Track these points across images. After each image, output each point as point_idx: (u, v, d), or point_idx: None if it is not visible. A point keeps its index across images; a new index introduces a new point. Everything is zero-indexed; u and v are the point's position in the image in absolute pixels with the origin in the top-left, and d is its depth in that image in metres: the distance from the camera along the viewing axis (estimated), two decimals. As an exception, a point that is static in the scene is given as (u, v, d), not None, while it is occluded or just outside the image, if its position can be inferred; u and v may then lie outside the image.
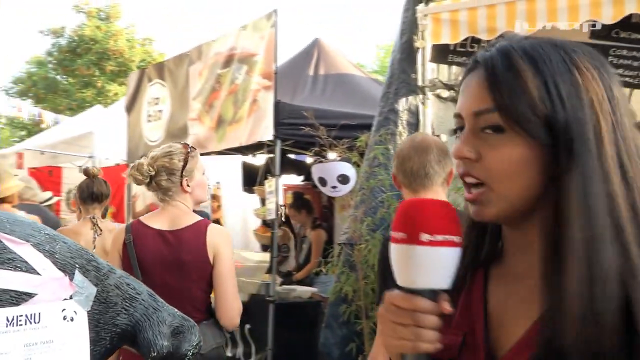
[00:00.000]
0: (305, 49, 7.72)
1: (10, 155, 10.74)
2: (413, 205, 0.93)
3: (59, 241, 1.13)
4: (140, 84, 7.67)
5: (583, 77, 0.94)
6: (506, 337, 1.00)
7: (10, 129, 30.79)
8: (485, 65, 0.96)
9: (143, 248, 2.83)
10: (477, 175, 0.96)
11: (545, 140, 0.92)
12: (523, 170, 0.94)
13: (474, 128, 0.97)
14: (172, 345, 1.19)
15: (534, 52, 0.95)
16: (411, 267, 0.90)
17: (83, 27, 26.61)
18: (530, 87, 0.92)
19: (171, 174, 2.88)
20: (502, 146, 0.94)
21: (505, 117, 0.93)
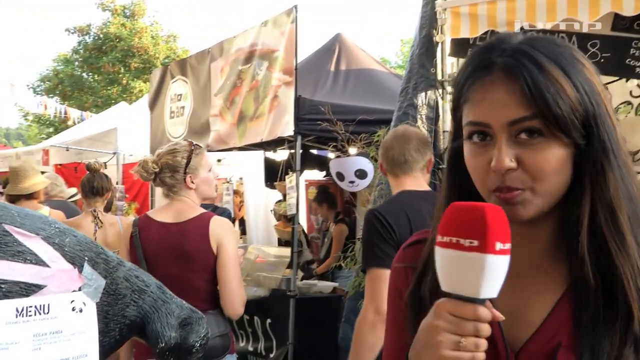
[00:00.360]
0: (326, 45, 7.72)
1: (37, 152, 10.89)
2: (480, 209, 0.88)
3: (69, 234, 1.15)
4: (163, 80, 7.73)
5: (589, 73, 0.98)
6: (523, 328, 1.03)
7: (38, 126, 31.22)
8: (515, 73, 0.96)
9: (148, 240, 2.90)
10: (517, 185, 0.96)
11: (579, 139, 0.95)
12: (560, 170, 0.96)
13: (509, 136, 0.96)
14: (180, 337, 1.21)
15: (554, 54, 0.96)
16: (479, 277, 0.86)
17: (108, 25, 26.88)
18: (567, 90, 0.94)
19: (175, 171, 2.95)
20: (542, 149, 0.95)
21: (546, 121, 0.94)
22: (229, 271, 2.86)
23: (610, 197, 0.96)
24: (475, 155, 1.00)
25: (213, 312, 2.87)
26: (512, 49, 0.98)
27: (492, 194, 0.99)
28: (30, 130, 40.59)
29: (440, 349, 0.87)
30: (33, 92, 27.68)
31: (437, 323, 0.89)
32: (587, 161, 0.96)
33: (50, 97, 25.19)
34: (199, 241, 2.86)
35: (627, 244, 0.95)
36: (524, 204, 0.97)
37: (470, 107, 1.00)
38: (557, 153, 0.95)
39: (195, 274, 2.86)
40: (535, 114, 0.94)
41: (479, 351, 0.87)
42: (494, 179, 0.97)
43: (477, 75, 1.00)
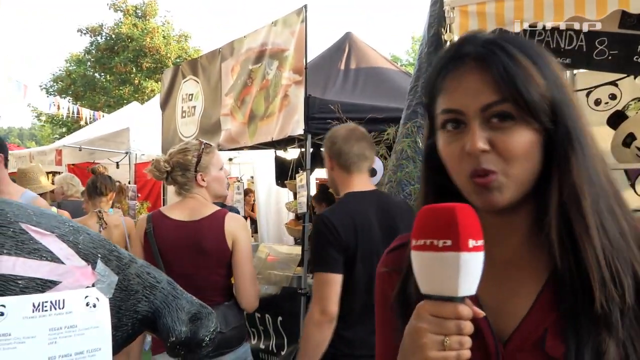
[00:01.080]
0: (336, 43, 7.74)
1: (50, 152, 10.99)
2: (450, 210, 0.90)
3: (82, 232, 1.20)
4: (174, 80, 7.78)
5: (556, 66, 1.04)
6: (510, 320, 1.05)
7: (51, 126, 31.43)
8: (487, 61, 1.00)
9: (163, 238, 2.95)
10: (491, 167, 1.00)
11: (547, 124, 1.00)
12: (530, 153, 1.00)
13: (482, 121, 1.00)
14: (190, 331, 1.25)
15: (523, 46, 1.02)
16: (456, 275, 0.88)
17: (120, 25, 27.03)
18: (536, 77, 0.99)
19: (186, 170, 3.02)
20: (513, 132, 0.99)
21: (517, 106, 0.98)
22: (244, 266, 2.93)
23: (573, 182, 1.00)
24: (450, 142, 1.04)
25: (229, 304, 2.96)
26: (483, 41, 1.04)
27: (468, 181, 1.02)
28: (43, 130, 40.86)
29: (425, 351, 0.89)
30: (46, 92, 27.89)
31: (420, 325, 0.90)
32: (554, 147, 1.01)
33: (63, 97, 25.39)
34: (215, 238, 2.92)
35: (590, 228, 0.98)
36: (500, 189, 1.00)
37: (444, 97, 1.05)
38: (528, 136, 1.00)
39: (211, 270, 2.93)
40: (506, 98, 0.99)
41: (464, 349, 0.89)
42: (469, 163, 1.01)
43: (450, 66, 1.05)
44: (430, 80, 1.09)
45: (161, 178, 3.07)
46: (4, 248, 1.10)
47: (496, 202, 1.01)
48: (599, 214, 1.00)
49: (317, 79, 6.47)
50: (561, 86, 1.02)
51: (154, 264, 2.90)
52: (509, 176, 1.00)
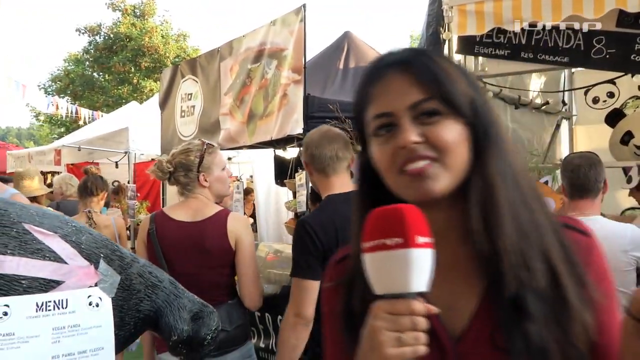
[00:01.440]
0: (335, 42, 7.74)
1: (49, 152, 10.99)
2: (397, 210, 0.94)
3: (85, 232, 1.21)
4: (173, 80, 7.78)
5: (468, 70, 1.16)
6: (460, 317, 1.09)
7: (50, 126, 31.42)
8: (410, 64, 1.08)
9: (165, 238, 2.97)
10: (428, 153, 1.04)
11: (470, 119, 1.07)
12: (461, 144, 1.06)
13: (411, 119, 1.06)
14: (192, 330, 1.26)
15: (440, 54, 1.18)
16: (407, 271, 0.91)
17: (118, 25, 27.02)
18: (457, 77, 1.08)
19: (188, 170, 3.04)
20: (442, 125, 1.05)
21: (443, 102, 1.06)
22: (247, 266, 2.95)
23: (489, 173, 1.06)
24: (382, 144, 1.08)
25: (232, 303, 2.98)
26: (402, 50, 1.13)
27: (401, 175, 1.06)
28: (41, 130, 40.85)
29: (383, 348, 0.91)
30: (44, 92, 27.89)
31: (376, 324, 0.93)
32: (474, 142, 1.08)
33: (62, 97, 25.38)
34: (218, 239, 2.94)
35: (502, 217, 1.04)
36: (434, 177, 1.04)
37: (372, 104, 1.10)
38: (456, 129, 1.06)
39: (214, 270, 2.94)
40: (432, 96, 1.06)
41: (420, 344, 0.91)
42: (402, 156, 1.05)
43: (375, 76, 1.11)
44: (358, 93, 1.15)
45: (164, 178, 3.09)
46: (8, 248, 1.11)
47: (431, 191, 1.04)
48: (512, 204, 1.06)
49: (316, 78, 6.48)
50: (478, 88, 1.11)
51: (157, 264, 2.92)
52: (443, 164, 1.05)
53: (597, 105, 6.62)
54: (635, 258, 3.02)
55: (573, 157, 3.37)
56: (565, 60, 3.99)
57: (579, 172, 3.16)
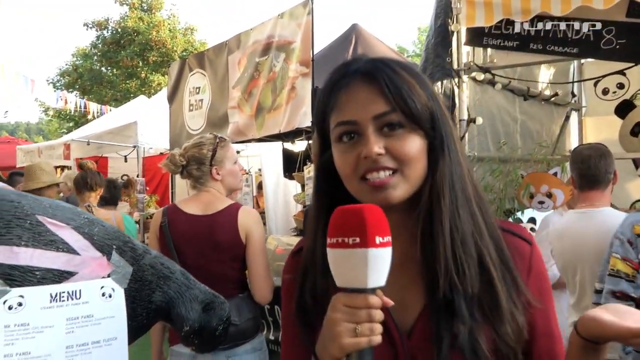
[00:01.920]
0: (343, 35, 7.74)
1: (58, 146, 11.04)
2: (359, 211, 0.99)
3: (97, 224, 1.22)
4: (181, 73, 7.79)
5: (427, 79, 1.18)
6: (410, 312, 1.15)
7: (58, 120, 31.54)
8: (374, 75, 1.12)
9: (177, 231, 2.99)
10: (389, 165, 1.10)
11: (429, 132, 1.13)
12: (420, 156, 1.12)
13: (375, 129, 1.11)
14: (203, 320, 1.27)
15: (402, 64, 1.15)
16: (365, 269, 0.96)
17: (126, 19, 27.06)
18: (417, 89, 1.12)
19: (201, 164, 3.06)
20: (404, 138, 1.11)
21: (405, 115, 1.10)
22: (258, 260, 2.96)
23: (437, 182, 1.13)
24: (345, 152, 1.14)
25: (243, 296, 2.99)
26: (366, 60, 1.16)
27: (361, 183, 1.12)
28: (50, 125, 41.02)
29: (340, 338, 0.97)
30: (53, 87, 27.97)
31: (334, 315, 0.99)
32: (431, 152, 1.14)
33: (70, 91, 25.46)
34: (229, 232, 2.95)
35: (444, 225, 1.11)
36: (394, 187, 1.10)
37: (337, 111, 1.14)
38: (416, 141, 1.12)
39: (225, 263, 2.96)
40: (394, 108, 1.10)
41: (375, 335, 0.97)
42: (365, 165, 1.11)
43: (340, 83, 1.15)
44: (321, 99, 1.19)
45: (176, 172, 3.12)
46: (22, 240, 1.12)
47: (390, 199, 1.11)
48: (454, 212, 1.12)
49: (324, 71, 6.41)
50: (436, 99, 1.15)
51: (169, 256, 2.93)
52: (403, 175, 1.11)
53: (607, 96, 6.58)
54: (645, 249, 3.01)
55: (582, 149, 3.36)
56: (575, 51, 3.96)
57: (589, 163, 3.15)
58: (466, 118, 4.46)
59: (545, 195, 3.88)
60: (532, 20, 4.01)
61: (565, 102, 6.54)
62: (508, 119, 5.38)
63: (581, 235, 3.14)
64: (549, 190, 3.86)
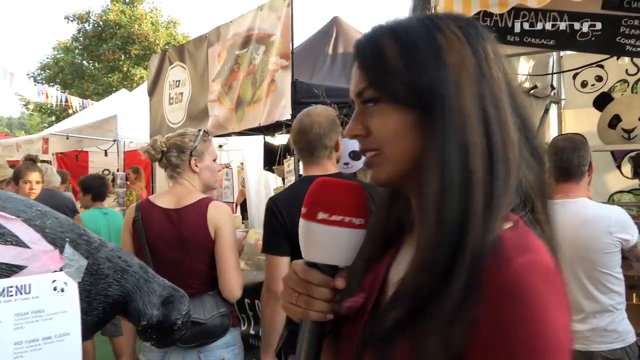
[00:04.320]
0: (323, 28, 7.70)
1: (37, 140, 10.94)
2: (320, 183, 1.00)
3: (50, 217, 1.18)
4: (161, 66, 7.72)
5: (446, 39, 0.99)
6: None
7: (40, 115, 31.27)
8: (357, 51, 1.06)
9: (149, 225, 2.98)
10: (370, 146, 1.04)
11: (416, 105, 0.98)
12: (403, 133, 1.00)
13: (359, 106, 1.05)
14: (161, 315, 1.25)
15: (396, 26, 1.03)
16: (308, 242, 0.99)
17: (108, 12, 26.83)
18: (391, 60, 1.00)
19: (181, 152, 3.05)
20: (379, 115, 1.02)
21: (377, 89, 1.01)
22: (226, 256, 2.93)
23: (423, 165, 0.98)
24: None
25: (212, 293, 2.96)
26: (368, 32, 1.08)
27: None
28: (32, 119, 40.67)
29: (282, 299, 1.02)
30: (33, 80, 27.71)
31: (284, 278, 1.03)
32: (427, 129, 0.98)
33: (51, 85, 25.23)
34: (198, 227, 2.93)
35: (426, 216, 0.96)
36: (378, 165, 1.04)
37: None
38: (395, 118, 1.00)
39: (195, 258, 2.93)
40: (371, 83, 1.02)
41: (311, 309, 0.98)
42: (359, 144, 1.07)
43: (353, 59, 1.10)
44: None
45: (156, 158, 3.09)
46: (-32, 233, 1.09)
47: (376, 180, 1.05)
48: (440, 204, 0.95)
49: (305, 64, 6.44)
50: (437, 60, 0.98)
51: (142, 251, 2.94)
52: (385, 156, 1.02)
53: (586, 89, 6.62)
54: (620, 240, 3.02)
55: (558, 140, 3.36)
56: (552, 43, 3.97)
57: (562, 155, 3.15)
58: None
59: (520, 187, 3.87)
60: (510, 12, 4.01)
61: (545, 94, 6.56)
62: (487, 112, 5.37)
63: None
64: (524, 182, 3.86)
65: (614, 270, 3.04)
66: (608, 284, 3.03)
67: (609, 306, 3.02)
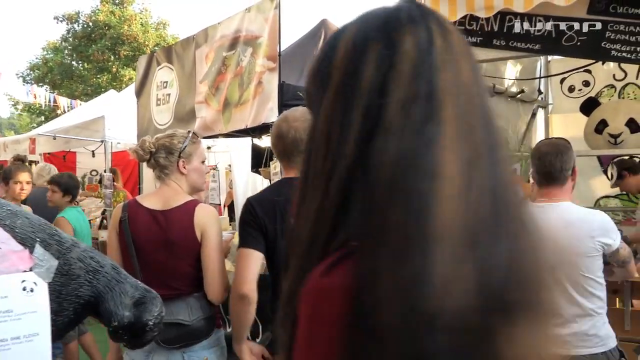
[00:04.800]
0: (312, 30, 7.72)
1: (24, 140, 10.87)
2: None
3: (21, 216, 1.17)
4: (149, 67, 7.70)
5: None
6: None
7: (29, 115, 31.12)
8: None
9: (136, 226, 2.97)
10: None
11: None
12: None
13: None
14: (133, 316, 1.24)
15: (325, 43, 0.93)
16: None
17: (97, 13, 26.75)
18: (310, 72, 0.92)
19: (169, 153, 3.05)
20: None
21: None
22: (212, 259, 2.93)
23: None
24: None
25: (197, 295, 2.96)
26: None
27: None
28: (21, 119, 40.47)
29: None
30: (22, 80, 27.59)
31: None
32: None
33: (40, 85, 25.11)
34: (184, 230, 2.92)
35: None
36: None
37: None
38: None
39: (181, 261, 2.92)
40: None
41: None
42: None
43: None
44: None
45: (144, 158, 3.09)
46: None
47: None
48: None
49: (293, 67, 6.44)
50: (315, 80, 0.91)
51: (128, 252, 2.93)
52: None
53: (573, 94, 6.66)
54: (602, 244, 3.03)
55: (541, 145, 3.37)
56: (537, 47, 3.98)
57: (544, 159, 3.16)
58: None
59: (504, 191, 3.88)
60: (495, 17, 4.02)
61: (532, 99, 6.59)
62: (473, 115, 5.38)
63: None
64: (507, 186, 3.86)
65: (595, 274, 3.04)
66: (590, 288, 3.03)
67: (590, 310, 3.03)
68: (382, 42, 0.83)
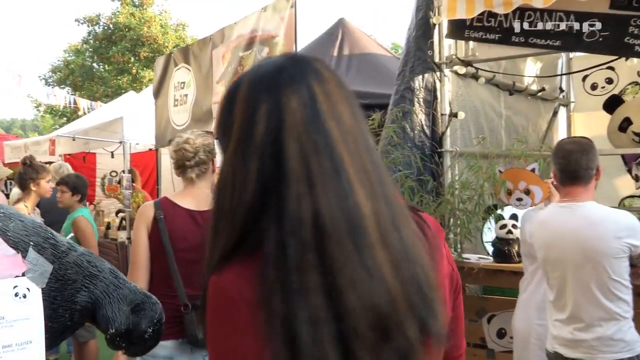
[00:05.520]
0: (329, 30, 7.67)
1: (44, 142, 10.93)
2: None
3: (15, 219, 1.13)
4: (166, 68, 7.70)
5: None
6: None
7: (52, 117, 31.42)
8: None
9: (174, 225, 2.97)
10: None
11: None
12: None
13: None
14: (131, 323, 1.19)
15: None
16: None
17: (117, 15, 26.90)
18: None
19: (209, 152, 3.08)
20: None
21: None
22: None
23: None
24: None
25: None
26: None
27: None
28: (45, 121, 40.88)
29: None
30: (45, 83, 27.84)
31: None
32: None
33: (62, 87, 25.32)
34: None
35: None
36: None
37: None
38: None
39: None
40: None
41: None
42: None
43: None
44: None
45: (189, 157, 3.05)
46: None
47: None
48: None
49: (309, 66, 6.40)
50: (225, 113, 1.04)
51: (162, 250, 2.92)
52: None
53: (596, 91, 6.52)
54: (629, 245, 2.92)
55: (565, 143, 3.27)
56: (557, 44, 3.88)
57: (569, 158, 3.06)
58: (448, 112, 4.39)
59: (523, 192, 3.79)
60: (514, 13, 3.93)
61: (553, 97, 6.48)
62: (492, 114, 5.29)
63: (562, 229, 3.06)
64: (527, 186, 3.77)
65: (622, 276, 2.94)
66: (615, 291, 2.93)
67: (615, 314, 2.93)
68: (269, 102, 0.95)
